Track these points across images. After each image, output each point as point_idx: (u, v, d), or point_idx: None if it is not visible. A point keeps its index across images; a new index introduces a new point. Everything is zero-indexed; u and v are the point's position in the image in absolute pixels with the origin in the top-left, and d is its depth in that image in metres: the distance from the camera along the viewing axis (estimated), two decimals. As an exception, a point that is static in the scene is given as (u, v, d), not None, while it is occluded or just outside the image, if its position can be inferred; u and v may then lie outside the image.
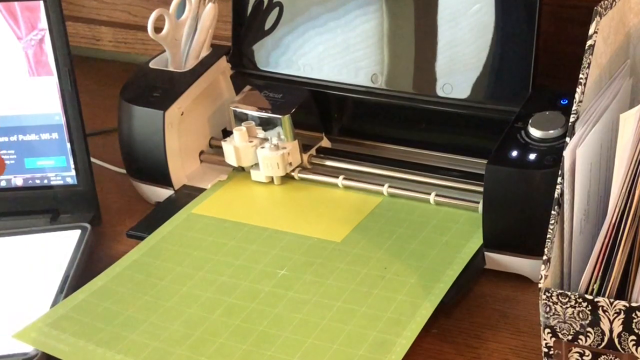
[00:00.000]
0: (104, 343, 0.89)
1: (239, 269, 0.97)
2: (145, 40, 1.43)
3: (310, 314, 0.90)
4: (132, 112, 1.10)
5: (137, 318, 0.92)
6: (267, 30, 1.16)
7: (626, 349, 0.75)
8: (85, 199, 1.10)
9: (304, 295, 0.93)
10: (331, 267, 0.96)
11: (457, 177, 1.05)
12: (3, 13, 1.07)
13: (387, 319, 0.88)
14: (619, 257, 0.75)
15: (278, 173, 1.09)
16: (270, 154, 1.08)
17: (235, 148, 1.09)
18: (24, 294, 0.98)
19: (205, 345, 0.88)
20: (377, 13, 1.09)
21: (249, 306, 0.92)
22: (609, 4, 0.82)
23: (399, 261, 0.96)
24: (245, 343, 0.87)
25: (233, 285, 0.95)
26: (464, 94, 1.06)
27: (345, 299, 0.91)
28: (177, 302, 0.94)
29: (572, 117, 0.79)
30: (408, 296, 0.91)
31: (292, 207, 1.07)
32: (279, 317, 0.90)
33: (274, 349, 0.86)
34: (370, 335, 0.87)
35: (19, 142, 1.10)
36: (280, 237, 1.02)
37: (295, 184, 1.10)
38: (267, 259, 0.98)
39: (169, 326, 0.90)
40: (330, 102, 1.13)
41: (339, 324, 0.88)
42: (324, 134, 1.14)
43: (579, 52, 0.82)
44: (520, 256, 0.94)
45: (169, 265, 0.99)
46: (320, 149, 1.13)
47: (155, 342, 0.88)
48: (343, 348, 0.86)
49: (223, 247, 1.01)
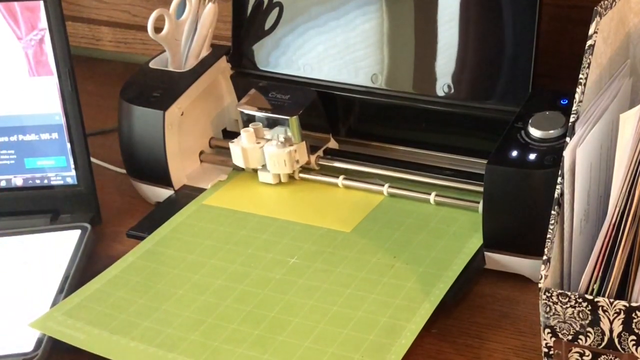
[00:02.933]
0: (119, 330, 0.90)
1: (250, 258, 0.99)
2: (145, 40, 1.43)
3: (321, 301, 0.91)
4: (132, 112, 1.10)
5: (150, 306, 0.93)
6: (267, 30, 1.16)
7: (626, 349, 0.75)
8: (85, 199, 1.10)
9: (315, 282, 0.94)
10: (341, 255, 0.97)
11: (457, 177, 1.05)
12: (3, 13, 1.07)
13: (397, 305, 0.89)
14: (619, 257, 0.75)
15: (285, 170, 1.09)
16: (277, 151, 1.07)
17: (243, 149, 1.09)
18: (24, 294, 0.98)
19: (217, 331, 0.89)
20: (377, 13, 1.09)
21: (261, 293, 0.93)
22: (609, 4, 0.82)
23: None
24: (257, 329, 0.89)
25: (244, 273, 0.96)
26: (464, 94, 1.06)
27: (356, 286, 0.93)
28: (189, 289, 0.95)
29: (572, 117, 0.79)
30: (417, 284, 0.92)
31: (296, 203, 1.08)
32: (290, 303, 0.92)
33: (286, 334, 0.88)
34: (381, 321, 0.88)
35: (19, 142, 1.10)
36: (290, 227, 1.03)
37: (299, 184, 1.10)
38: (277, 248, 1.00)
39: (181, 313, 0.92)
40: (331, 102, 1.13)
41: (349, 310, 0.90)
42: (331, 135, 1.14)
43: (579, 52, 0.82)
44: (520, 256, 0.94)
45: (181, 255, 1.00)
46: (328, 150, 1.13)
47: (168, 329, 0.90)
48: (354, 333, 0.87)
49: (234, 236, 1.02)
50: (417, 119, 1.10)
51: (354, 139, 1.14)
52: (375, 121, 1.14)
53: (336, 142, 1.15)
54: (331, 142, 1.14)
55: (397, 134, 1.13)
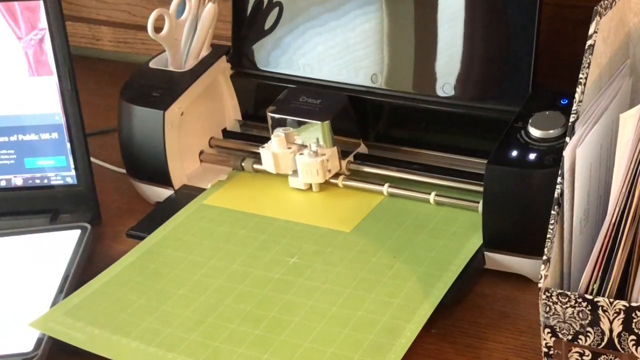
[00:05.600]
0: (119, 330, 0.90)
1: (250, 257, 0.99)
2: (145, 40, 1.43)
3: (321, 300, 0.92)
4: (132, 112, 1.10)
5: (150, 306, 0.93)
6: (267, 30, 1.16)
7: (626, 349, 0.75)
8: (85, 199, 1.10)
9: (314, 282, 0.94)
10: (341, 255, 0.97)
11: (457, 177, 1.04)
12: (3, 13, 1.07)
13: (397, 305, 0.89)
14: (619, 257, 0.75)
15: (317, 180, 1.07)
16: (310, 161, 1.06)
17: (274, 155, 1.07)
18: (24, 294, 0.98)
19: (217, 331, 0.89)
20: (377, 13, 1.09)
21: (260, 293, 0.93)
22: (609, 4, 0.82)
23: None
24: (257, 328, 0.89)
25: (244, 273, 0.96)
26: (464, 94, 1.06)
27: (355, 286, 0.93)
28: (189, 289, 0.95)
29: (572, 117, 0.79)
30: (417, 283, 0.92)
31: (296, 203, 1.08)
32: (290, 303, 0.92)
33: (285, 334, 0.88)
34: (380, 321, 0.88)
35: (19, 142, 1.10)
36: (290, 227, 1.03)
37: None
38: (277, 248, 1.00)
39: (181, 313, 0.92)
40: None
41: (349, 310, 0.90)
42: (361, 140, 1.12)
43: (579, 52, 0.82)
44: (520, 256, 0.94)
45: (181, 255, 1.00)
46: (358, 155, 1.11)
47: (168, 329, 0.90)
48: (353, 333, 0.87)
49: (234, 236, 1.02)
50: (417, 118, 1.10)
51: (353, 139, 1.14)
52: (375, 121, 1.14)
53: (366, 146, 1.13)
54: (361, 147, 1.12)
55: (397, 134, 1.12)
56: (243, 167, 1.13)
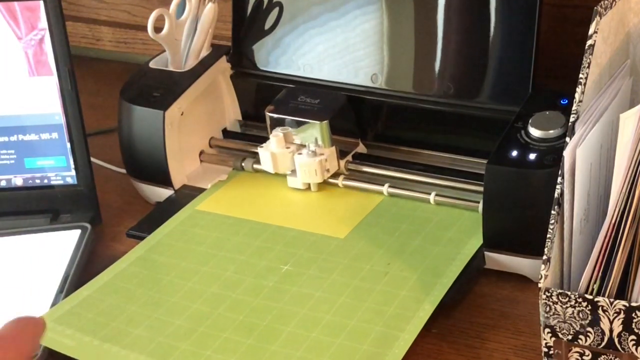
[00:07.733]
0: (110, 338, 0.89)
1: (243, 265, 0.98)
2: (145, 40, 1.43)
3: (314, 309, 0.90)
4: (132, 112, 1.10)
5: (142, 313, 0.92)
6: (267, 30, 1.16)
7: (626, 349, 0.75)
8: (85, 199, 1.10)
9: (308, 290, 0.93)
10: (335, 262, 0.96)
11: (457, 177, 1.04)
12: (3, 13, 1.07)
13: (391, 314, 0.89)
14: (619, 257, 0.75)
15: (316, 180, 1.07)
16: (308, 161, 1.06)
17: (272, 154, 1.07)
18: (24, 294, 0.98)
19: (209, 340, 0.88)
20: (377, 13, 1.09)
21: (253, 301, 0.92)
22: (609, 4, 0.82)
23: (399, 260, 0.96)
24: (250, 338, 0.88)
25: (237, 281, 0.95)
26: (464, 93, 1.06)
27: (349, 294, 0.92)
28: (182, 297, 0.94)
29: (572, 117, 0.79)
30: (411, 292, 0.91)
31: (293, 207, 1.07)
32: (283, 311, 0.91)
33: (278, 344, 0.87)
34: (374, 330, 0.87)
35: (19, 142, 1.10)
36: (283, 233, 1.02)
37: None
38: (271, 255, 0.99)
39: (173, 321, 0.91)
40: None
41: (342, 319, 0.89)
42: (360, 140, 1.12)
43: (579, 52, 0.82)
44: (520, 256, 0.94)
45: (173, 262, 0.99)
46: (356, 154, 1.11)
47: (160, 337, 0.89)
48: (347, 342, 0.86)
49: (227, 243, 1.01)
50: (417, 118, 1.10)
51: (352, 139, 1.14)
52: (374, 121, 1.14)
53: (365, 146, 1.13)
54: (360, 146, 1.12)
55: (396, 133, 1.12)
56: (243, 167, 1.13)
